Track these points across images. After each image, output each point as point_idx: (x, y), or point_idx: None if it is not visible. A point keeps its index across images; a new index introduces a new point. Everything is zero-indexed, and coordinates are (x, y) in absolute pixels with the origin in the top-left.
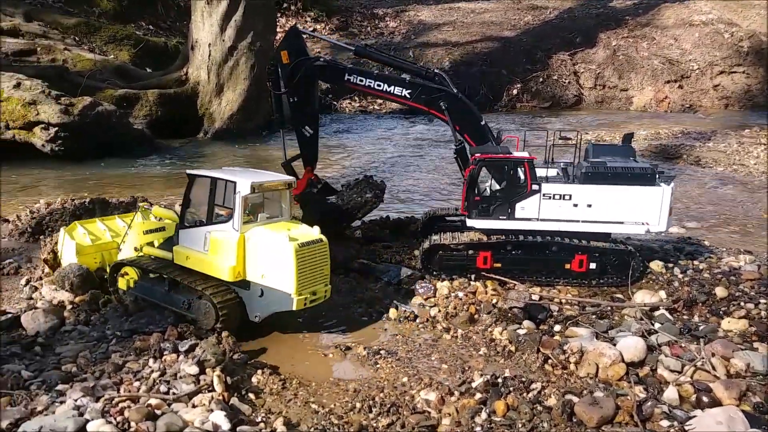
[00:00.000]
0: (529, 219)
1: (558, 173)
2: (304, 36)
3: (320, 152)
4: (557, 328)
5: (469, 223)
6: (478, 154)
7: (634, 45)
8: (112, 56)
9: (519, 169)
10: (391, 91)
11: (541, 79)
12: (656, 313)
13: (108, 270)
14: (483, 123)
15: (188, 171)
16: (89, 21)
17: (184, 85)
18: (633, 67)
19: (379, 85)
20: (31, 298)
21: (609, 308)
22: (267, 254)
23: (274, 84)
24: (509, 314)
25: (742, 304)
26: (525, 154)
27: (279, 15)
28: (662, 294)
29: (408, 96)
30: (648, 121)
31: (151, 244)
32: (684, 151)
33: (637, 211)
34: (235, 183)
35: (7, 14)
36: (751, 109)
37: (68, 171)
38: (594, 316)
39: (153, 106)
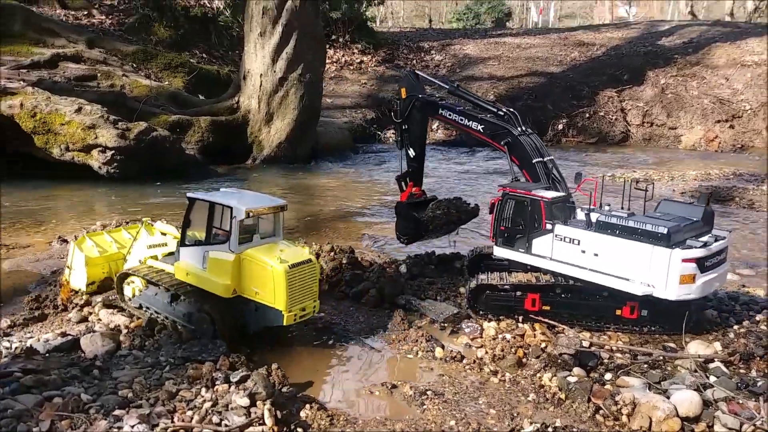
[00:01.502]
0: (543, 257)
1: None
2: (420, 76)
3: (364, 183)
4: (608, 376)
5: (495, 251)
6: (505, 188)
7: (684, 84)
8: (166, 83)
9: (536, 206)
10: (469, 125)
11: (587, 115)
12: (711, 366)
13: (115, 279)
14: (535, 161)
15: (188, 194)
16: (147, 49)
17: (235, 113)
18: (682, 105)
19: (461, 120)
20: (86, 320)
21: (661, 358)
22: (260, 274)
23: (394, 114)
24: (559, 360)
25: None
26: (547, 194)
27: (327, 46)
28: (717, 345)
29: (480, 130)
30: (698, 160)
31: (154, 257)
32: (736, 194)
33: (642, 270)
34: (231, 208)
35: (71, 41)
36: None
37: (122, 193)
38: (646, 366)
39: (205, 132)
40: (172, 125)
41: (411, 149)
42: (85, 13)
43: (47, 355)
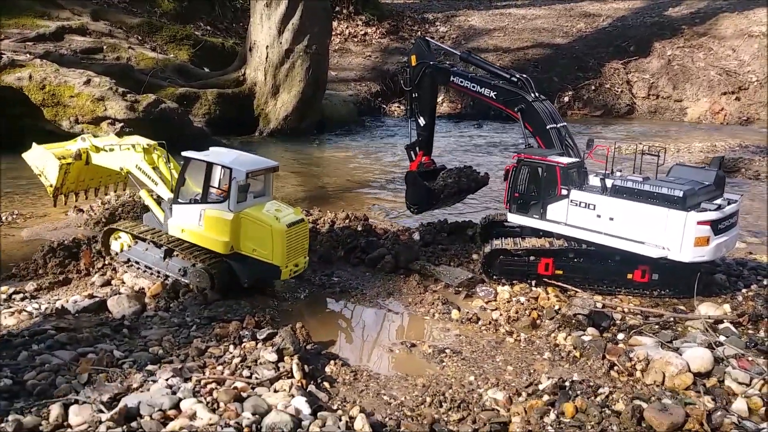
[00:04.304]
0: (558, 222)
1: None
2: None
3: (370, 155)
4: (621, 336)
5: (509, 217)
6: (520, 154)
7: (690, 55)
8: (172, 55)
9: (551, 172)
10: (482, 92)
11: (593, 87)
12: (720, 327)
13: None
14: (549, 127)
15: (183, 153)
16: (151, 21)
17: (242, 85)
18: (688, 77)
19: (473, 86)
20: (110, 283)
21: (672, 319)
22: (259, 232)
23: (404, 81)
24: (573, 320)
25: None
26: (562, 160)
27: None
28: (726, 307)
29: (493, 97)
30: (703, 133)
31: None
32: (742, 165)
33: (657, 233)
34: (231, 169)
35: (76, 13)
36: None
37: None
38: (657, 326)
39: (212, 104)
40: (179, 98)
41: (421, 117)
42: None
43: (76, 315)
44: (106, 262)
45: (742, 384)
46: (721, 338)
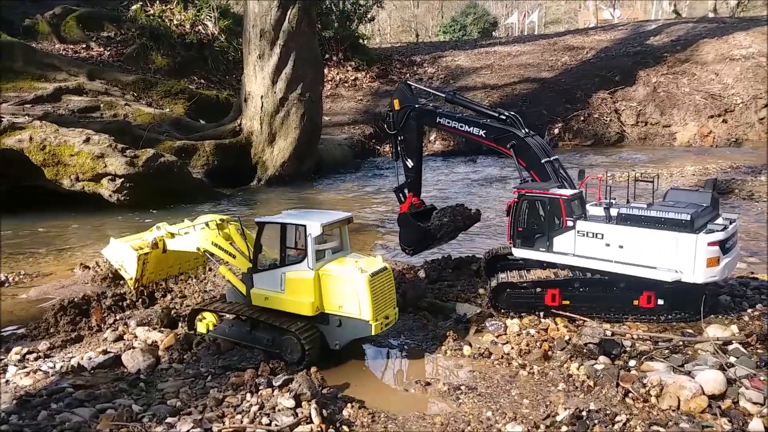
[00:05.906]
0: (565, 254)
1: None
2: (412, 87)
3: (369, 196)
4: (632, 363)
5: (514, 252)
6: (521, 189)
7: (675, 81)
8: (168, 110)
9: (555, 205)
10: (471, 132)
11: (582, 118)
12: (730, 348)
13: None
14: (544, 161)
15: (257, 219)
16: (146, 77)
17: (238, 135)
18: (674, 103)
19: (461, 126)
20: (122, 338)
21: (681, 343)
22: (342, 287)
23: (388, 125)
24: (584, 350)
25: None
26: (565, 192)
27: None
28: (734, 328)
29: (483, 135)
30: (694, 156)
31: (221, 257)
32: (736, 186)
33: (669, 257)
34: (305, 226)
35: (72, 74)
36: None
37: (132, 219)
38: (667, 351)
39: (210, 156)
40: (177, 150)
41: (408, 160)
42: (84, 46)
43: (92, 371)
44: (117, 318)
45: (757, 404)
46: (732, 359)
